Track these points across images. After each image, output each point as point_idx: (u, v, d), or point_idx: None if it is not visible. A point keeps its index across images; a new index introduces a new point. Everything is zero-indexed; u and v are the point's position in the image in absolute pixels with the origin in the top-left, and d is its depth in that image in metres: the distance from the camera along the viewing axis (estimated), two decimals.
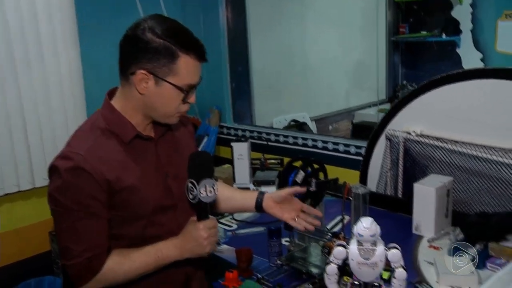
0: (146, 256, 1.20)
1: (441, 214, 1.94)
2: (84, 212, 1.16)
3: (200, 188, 1.18)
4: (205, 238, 1.20)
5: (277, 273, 1.67)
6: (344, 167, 2.56)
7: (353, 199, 1.53)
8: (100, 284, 1.19)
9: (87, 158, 1.16)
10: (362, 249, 1.23)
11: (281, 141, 2.91)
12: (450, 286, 1.55)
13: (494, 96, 1.95)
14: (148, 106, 1.21)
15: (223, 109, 3.22)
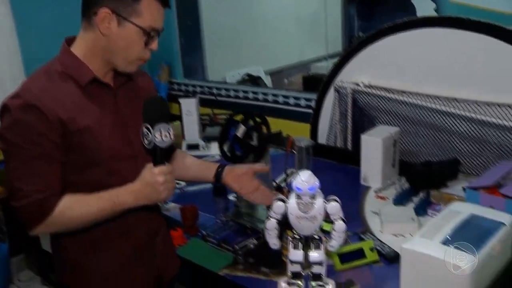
0: (101, 201, 1.16)
1: (388, 164, 1.96)
2: (35, 152, 1.11)
3: (155, 133, 1.14)
4: (161, 184, 1.16)
5: (222, 229, 1.65)
6: (295, 120, 2.55)
7: (297, 152, 1.50)
8: (52, 228, 1.15)
9: (40, 96, 1.11)
10: (301, 203, 1.21)
11: (232, 96, 2.85)
12: (392, 234, 1.57)
13: (441, 45, 1.94)
14: (110, 49, 1.17)
15: (173, 64, 3.12)
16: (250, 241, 1.53)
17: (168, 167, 1.19)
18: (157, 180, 1.16)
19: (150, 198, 1.18)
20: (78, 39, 1.20)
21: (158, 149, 1.16)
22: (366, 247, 1.43)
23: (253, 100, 2.76)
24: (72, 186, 1.17)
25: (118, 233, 1.26)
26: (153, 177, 1.16)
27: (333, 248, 1.27)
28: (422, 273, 1.16)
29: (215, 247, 1.55)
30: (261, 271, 1.42)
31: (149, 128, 1.14)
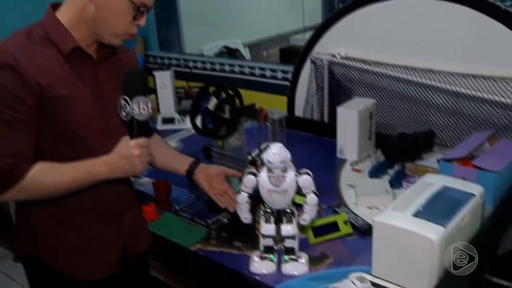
0: (75, 170, 1.14)
1: (364, 137, 1.95)
2: (10, 116, 1.07)
3: (132, 105, 1.12)
4: (136, 156, 1.14)
5: (196, 204, 1.63)
6: (272, 93, 2.52)
7: (270, 125, 1.48)
8: (22, 194, 1.12)
9: (18, 57, 1.08)
10: (272, 176, 1.20)
11: (208, 69, 2.80)
12: (367, 207, 1.57)
13: (417, 16, 1.91)
14: (97, 19, 1.14)
15: (148, 36, 3.04)
16: (223, 215, 1.51)
17: (145, 140, 1.17)
18: (132, 153, 1.14)
19: (125, 170, 1.16)
20: (65, 5, 1.17)
21: (135, 122, 1.14)
22: (340, 220, 1.43)
23: (230, 73, 2.71)
24: (43, 156, 1.14)
25: (89, 206, 1.24)
26: (129, 150, 1.14)
27: (305, 222, 1.27)
28: (394, 245, 1.16)
29: (188, 222, 1.54)
30: (234, 245, 1.41)
31: (127, 100, 1.12)
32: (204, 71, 2.82)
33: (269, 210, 1.26)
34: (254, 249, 1.36)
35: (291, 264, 1.27)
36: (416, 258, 1.13)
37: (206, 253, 1.39)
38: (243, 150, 1.78)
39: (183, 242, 1.42)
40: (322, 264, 1.31)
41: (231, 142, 1.75)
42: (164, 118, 2.45)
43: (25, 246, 1.27)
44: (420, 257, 1.12)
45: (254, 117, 1.55)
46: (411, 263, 1.14)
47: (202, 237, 1.46)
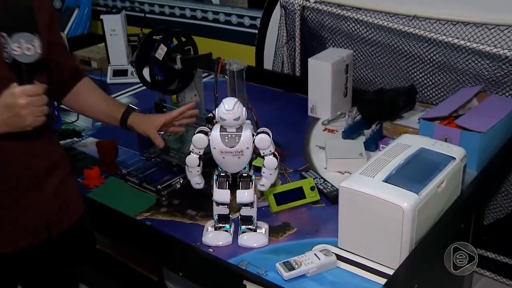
0: None
1: (338, 93, 1.92)
2: None
3: (12, 44, 1.04)
4: (22, 107, 1.05)
5: (146, 167, 1.60)
6: (238, 42, 2.47)
7: (228, 77, 1.44)
8: None
9: None
10: (225, 136, 1.16)
11: (166, 13, 2.71)
12: (338, 172, 1.56)
13: None
14: None
15: None
16: (176, 180, 1.48)
17: (35, 87, 1.08)
18: (17, 102, 1.05)
19: (10, 124, 1.08)
20: None
21: (23, 65, 1.06)
22: (306, 186, 1.41)
23: (191, 19, 2.63)
24: None
25: None
26: (13, 99, 1.06)
27: (263, 188, 1.25)
28: (361, 215, 1.15)
29: (136, 187, 1.50)
30: (186, 214, 1.39)
31: (5, 38, 1.04)
32: (161, 16, 2.73)
33: (223, 174, 1.23)
34: (208, 218, 1.34)
35: (249, 235, 1.26)
36: (386, 229, 1.12)
37: (154, 223, 1.36)
38: (201, 107, 1.73)
39: (129, 211, 1.39)
40: (283, 235, 1.29)
41: (188, 98, 1.70)
42: (115, 70, 2.37)
43: None
44: (391, 228, 1.11)
45: (210, 68, 1.50)
46: (380, 235, 1.13)
47: (151, 205, 1.43)
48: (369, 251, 1.17)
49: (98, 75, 2.38)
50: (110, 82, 2.33)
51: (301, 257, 1.16)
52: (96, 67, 2.46)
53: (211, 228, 1.28)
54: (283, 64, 2.25)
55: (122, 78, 2.35)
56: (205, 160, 1.26)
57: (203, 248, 1.25)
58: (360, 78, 2.09)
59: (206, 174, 1.31)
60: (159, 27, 1.53)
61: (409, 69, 1.94)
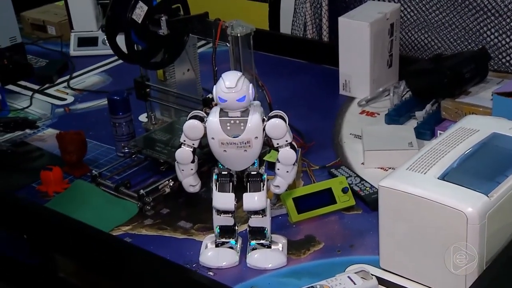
0: None
1: (380, 63, 1.95)
2: None
3: None
4: None
5: (125, 166, 1.64)
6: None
7: (230, 45, 1.47)
8: None
9: None
10: (227, 122, 1.19)
11: None
12: (379, 168, 1.59)
13: None
14: None
15: None
16: (164, 183, 1.51)
17: None
18: None
19: None
20: None
21: None
22: (336, 187, 1.44)
23: None
24: None
25: None
26: None
27: (279, 190, 1.27)
28: (409, 223, 1.16)
29: (112, 193, 1.54)
30: (178, 226, 1.43)
31: None
32: None
33: (225, 172, 1.26)
34: (207, 231, 1.37)
35: (261, 252, 1.28)
36: (444, 243, 1.13)
37: (137, 239, 1.40)
38: (197, 86, 1.77)
39: (102, 225, 1.42)
40: (307, 252, 1.32)
41: (178, 74, 1.73)
42: (80, 37, 2.42)
43: None
44: (450, 242, 1.12)
45: (206, 33, 1.53)
46: (436, 251, 1.14)
47: (132, 216, 1.47)
48: (421, 273, 1.19)
49: (57, 44, 2.46)
50: (74, 55, 2.38)
51: (330, 281, 1.18)
52: (53, 34, 2.52)
53: (211, 245, 1.31)
54: (305, 26, 2.29)
55: (90, 49, 2.40)
56: (202, 155, 1.29)
57: (201, 271, 1.28)
58: (409, 42, 2.11)
59: (204, 174, 1.34)
60: None
61: (477, 27, 1.96)
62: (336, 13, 2.14)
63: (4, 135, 1.80)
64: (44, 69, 2.25)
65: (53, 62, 2.30)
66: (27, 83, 2.17)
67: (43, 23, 2.53)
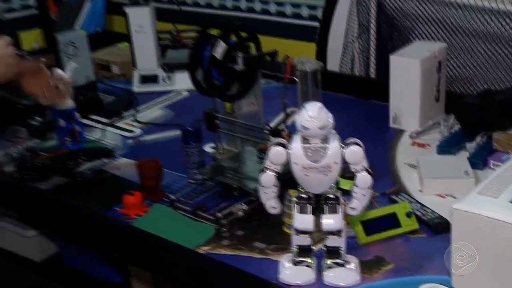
0: None
1: (429, 97, 1.98)
2: None
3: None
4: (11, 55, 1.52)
5: (198, 191, 1.67)
6: (293, 38, 2.54)
7: (299, 80, 1.51)
8: None
9: None
10: (308, 148, 1.23)
11: (201, 4, 2.83)
12: (437, 195, 1.61)
13: None
14: None
15: None
16: (237, 206, 1.55)
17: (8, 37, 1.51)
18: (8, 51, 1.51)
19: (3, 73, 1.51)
20: None
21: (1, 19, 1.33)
22: (400, 212, 1.46)
23: (233, 10, 2.74)
24: None
25: None
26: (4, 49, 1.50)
27: (355, 212, 1.30)
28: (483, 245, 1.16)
29: (189, 216, 1.58)
30: (254, 247, 1.45)
31: None
32: (195, 8, 2.84)
33: (305, 195, 1.30)
34: (282, 251, 1.40)
35: (336, 271, 1.31)
36: None
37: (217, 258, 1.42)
38: (259, 118, 1.81)
39: (186, 243, 1.46)
40: (378, 271, 1.34)
41: (244, 106, 1.78)
42: (143, 76, 2.48)
43: None
44: None
45: (275, 69, 1.58)
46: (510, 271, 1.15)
47: (210, 237, 1.50)
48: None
49: (121, 82, 2.51)
50: (137, 91, 2.44)
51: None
52: (117, 73, 2.59)
53: (289, 263, 1.34)
54: (353, 63, 2.32)
55: (152, 85, 2.46)
56: None
57: None
58: (455, 76, 2.13)
59: None
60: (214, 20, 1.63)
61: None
62: (384, 52, 2.19)
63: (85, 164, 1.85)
64: (112, 104, 2.31)
65: (119, 98, 2.35)
66: (98, 117, 2.23)
67: (107, 63, 2.60)
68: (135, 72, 2.50)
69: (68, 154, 1.88)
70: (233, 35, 1.60)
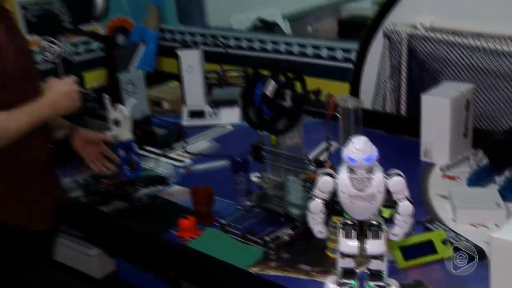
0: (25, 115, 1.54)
1: (458, 133, 1.99)
2: None
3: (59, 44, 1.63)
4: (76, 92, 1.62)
5: (246, 217, 1.70)
6: (328, 78, 2.55)
7: (341, 116, 1.53)
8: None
9: None
10: (354, 178, 1.25)
11: (244, 47, 2.87)
12: (470, 224, 1.61)
13: None
14: None
15: (163, 5, 3.13)
16: (283, 231, 1.57)
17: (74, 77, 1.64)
18: (73, 88, 1.61)
19: (67, 107, 1.62)
20: None
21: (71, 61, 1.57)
22: (436, 239, 1.47)
23: (273, 53, 2.78)
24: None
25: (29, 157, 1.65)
26: (69, 86, 1.60)
27: (397, 238, 1.31)
28: None
29: (238, 239, 1.60)
30: (300, 269, 1.47)
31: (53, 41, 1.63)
32: (238, 50, 2.89)
33: (350, 221, 1.31)
34: (325, 273, 1.41)
35: None
36: None
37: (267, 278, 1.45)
38: (301, 150, 1.84)
39: (239, 263, 1.49)
40: None
41: (287, 140, 1.81)
42: (191, 111, 2.53)
43: None
44: None
45: (319, 106, 1.61)
46: None
47: (258, 258, 1.52)
48: None
49: (171, 117, 2.56)
50: (187, 125, 2.48)
51: None
52: (168, 108, 2.64)
53: (334, 285, 1.34)
54: (385, 101, 2.33)
55: (199, 120, 2.51)
56: None
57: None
58: (482, 114, 2.14)
59: None
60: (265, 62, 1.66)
61: None
62: (414, 91, 2.21)
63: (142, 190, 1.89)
64: (165, 136, 2.35)
65: (171, 131, 2.40)
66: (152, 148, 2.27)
67: (158, 99, 2.66)
68: (184, 107, 2.55)
69: (127, 181, 1.92)
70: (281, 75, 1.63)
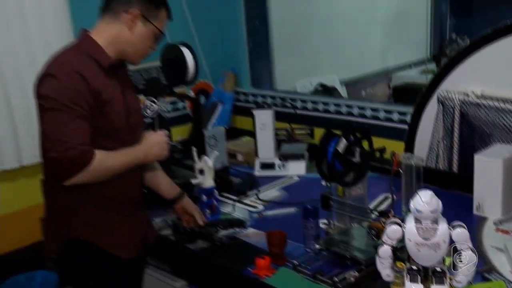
0: (123, 156, 1.62)
1: (509, 190, 1.94)
2: (78, 112, 1.51)
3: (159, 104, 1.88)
4: (166, 142, 1.73)
5: (315, 259, 1.69)
6: (385, 137, 2.52)
7: (404, 172, 1.53)
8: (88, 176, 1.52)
9: (81, 67, 1.55)
10: (420, 228, 1.24)
11: (309, 108, 2.90)
12: None
13: None
14: (129, 42, 1.64)
15: (239, 71, 3.21)
16: (350, 273, 1.55)
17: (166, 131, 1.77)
18: (164, 140, 1.73)
19: (157, 155, 1.72)
20: (100, 30, 1.64)
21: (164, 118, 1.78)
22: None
23: (335, 114, 2.79)
24: None
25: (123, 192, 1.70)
26: (161, 138, 1.72)
27: (460, 285, 1.29)
28: None
29: (309, 279, 1.59)
30: None
31: (154, 101, 1.88)
32: (304, 111, 2.92)
33: (415, 267, 1.29)
34: None
35: None
36: None
37: None
38: (364, 200, 1.83)
39: None
40: None
41: (352, 191, 1.80)
42: (263, 163, 2.56)
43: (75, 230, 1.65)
44: None
45: (384, 162, 1.61)
46: None
47: None
48: None
49: (245, 167, 2.59)
50: (258, 175, 2.51)
51: None
52: (241, 160, 2.68)
53: None
54: (437, 159, 2.30)
55: (269, 171, 2.53)
56: None
57: None
58: None
59: None
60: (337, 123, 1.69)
61: None
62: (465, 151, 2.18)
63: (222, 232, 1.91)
64: (240, 185, 2.38)
65: (245, 180, 2.43)
66: (229, 195, 2.31)
67: (234, 152, 2.71)
68: (256, 160, 2.58)
69: (209, 223, 1.95)
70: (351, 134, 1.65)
